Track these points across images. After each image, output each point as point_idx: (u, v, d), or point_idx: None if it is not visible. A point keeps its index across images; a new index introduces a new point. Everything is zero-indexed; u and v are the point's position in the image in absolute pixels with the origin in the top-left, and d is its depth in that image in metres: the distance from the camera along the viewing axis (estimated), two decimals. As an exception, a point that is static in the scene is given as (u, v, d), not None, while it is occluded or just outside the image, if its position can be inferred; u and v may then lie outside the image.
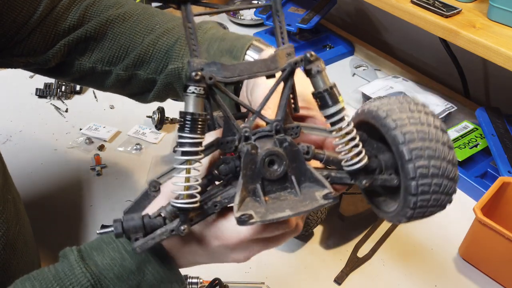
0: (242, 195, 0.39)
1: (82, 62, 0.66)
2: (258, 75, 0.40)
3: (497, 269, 0.74)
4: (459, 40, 0.87)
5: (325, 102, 0.40)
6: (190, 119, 0.36)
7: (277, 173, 0.40)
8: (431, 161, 0.41)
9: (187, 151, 0.37)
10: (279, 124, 0.42)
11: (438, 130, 0.42)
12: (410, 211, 0.43)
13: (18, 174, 0.90)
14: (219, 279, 0.70)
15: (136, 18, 0.65)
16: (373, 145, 0.46)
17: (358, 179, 0.43)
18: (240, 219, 0.37)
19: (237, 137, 0.41)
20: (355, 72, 1.25)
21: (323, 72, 0.40)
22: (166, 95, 0.68)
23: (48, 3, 0.61)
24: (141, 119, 1.04)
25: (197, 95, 0.36)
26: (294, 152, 0.41)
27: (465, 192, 0.90)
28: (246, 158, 0.39)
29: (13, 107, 1.08)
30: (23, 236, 0.60)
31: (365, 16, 1.43)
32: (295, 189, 0.41)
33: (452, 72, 1.17)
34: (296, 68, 0.41)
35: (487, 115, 0.96)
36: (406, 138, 0.41)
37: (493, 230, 0.68)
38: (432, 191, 0.42)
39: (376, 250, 0.78)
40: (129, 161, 0.95)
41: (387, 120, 0.42)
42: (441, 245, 0.80)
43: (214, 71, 0.38)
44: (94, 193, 0.87)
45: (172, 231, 0.40)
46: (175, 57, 0.63)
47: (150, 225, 0.41)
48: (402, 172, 0.42)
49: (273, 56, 0.40)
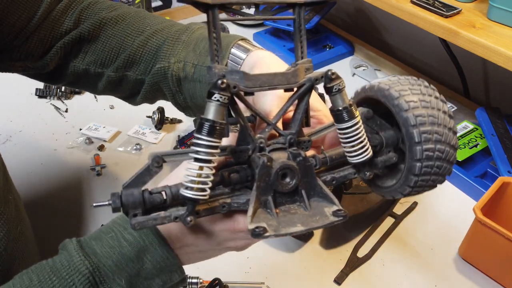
0: (255, 206, 0.39)
1: (76, 64, 0.67)
2: (278, 87, 0.40)
3: (497, 269, 0.74)
4: (459, 40, 0.87)
5: (342, 119, 0.41)
6: (210, 125, 0.36)
7: (289, 186, 0.40)
8: (437, 145, 0.42)
9: (203, 151, 0.37)
10: (293, 137, 0.42)
11: (446, 115, 0.44)
12: (408, 188, 0.45)
13: (18, 174, 0.90)
14: (219, 279, 0.70)
15: (129, 21, 0.66)
16: (376, 121, 0.46)
17: (362, 171, 0.44)
18: (254, 232, 0.37)
19: (251, 147, 0.41)
20: (355, 72, 1.25)
21: (344, 90, 0.40)
22: (154, 96, 0.69)
23: (46, 7, 0.62)
24: (141, 119, 1.05)
25: (221, 103, 0.36)
26: (307, 167, 0.41)
27: (465, 192, 0.90)
28: (261, 170, 0.39)
29: (13, 107, 1.08)
30: (24, 237, 0.60)
31: (365, 16, 1.43)
32: (304, 203, 0.41)
33: (452, 72, 1.17)
34: (316, 85, 0.41)
35: (487, 115, 0.96)
36: (418, 121, 0.42)
37: (493, 230, 0.68)
38: (433, 172, 0.43)
39: (376, 250, 0.78)
40: (129, 161, 0.95)
41: (400, 101, 0.43)
42: (441, 245, 0.80)
43: (237, 79, 0.38)
44: (94, 193, 0.87)
45: (176, 218, 0.39)
46: (162, 57, 0.63)
47: (150, 201, 0.39)
48: (408, 153, 0.43)
49: (294, 70, 0.40)
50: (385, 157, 0.45)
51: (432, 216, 0.85)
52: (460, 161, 0.91)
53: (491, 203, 0.74)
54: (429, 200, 0.88)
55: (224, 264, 0.75)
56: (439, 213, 0.86)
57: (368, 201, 0.79)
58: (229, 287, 0.71)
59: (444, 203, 0.88)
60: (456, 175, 0.90)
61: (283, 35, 1.34)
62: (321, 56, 1.29)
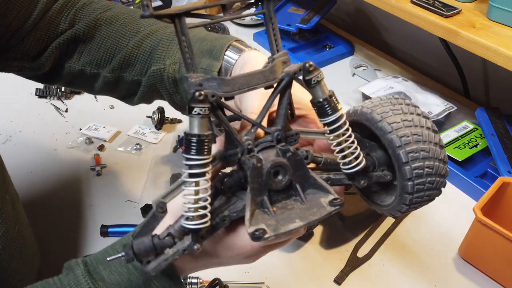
0: (251, 209, 0.39)
1: (72, 64, 0.67)
2: (258, 87, 0.40)
3: (497, 269, 0.74)
4: (459, 40, 0.87)
5: (324, 111, 0.41)
6: (197, 140, 0.36)
7: (283, 183, 0.40)
8: (425, 162, 0.43)
9: (196, 173, 0.36)
10: (280, 133, 0.42)
11: (430, 131, 0.44)
12: (405, 206, 0.45)
13: (18, 174, 0.90)
14: (219, 279, 0.70)
15: (123, 22, 0.66)
16: (365, 143, 0.47)
17: (357, 179, 0.44)
18: (254, 235, 0.37)
19: (240, 150, 0.41)
20: (355, 72, 1.25)
21: (322, 81, 0.40)
22: (151, 97, 0.69)
23: (42, 7, 0.62)
24: (141, 119, 1.04)
25: (202, 116, 0.36)
26: (298, 161, 0.41)
27: (465, 192, 0.90)
28: (253, 172, 0.39)
29: (13, 107, 1.08)
30: (22, 236, 0.60)
31: (365, 16, 1.43)
32: (300, 197, 0.41)
33: (452, 72, 1.17)
34: (295, 78, 0.41)
35: (487, 115, 0.96)
36: (402, 141, 0.43)
37: (493, 230, 0.68)
38: (426, 188, 0.44)
39: (376, 250, 0.78)
40: (129, 161, 0.95)
41: (383, 124, 0.43)
42: (441, 245, 0.80)
43: (214, 86, 0.37)
44: (94, 193, 0.87)
45: (185, 250, 0.39)
46: (157, 58, 0.64)
47: (160, 245, 0.40)
48: (399, 173, 0.44)
49: (271, 67, 0.40)
50: (380, 174, 0.46)
51: (432, 216, 0.85)
52: (460, 161, 0.91)
53: (491, 203, 0.74)
54: (429, 200, 0.88)
55: (224, 264, 0.75)
56: (439, 213, 0.86)
57: (368, 201, 0.79)
58: (229, 287, 0.71)
59: (444, 203, 0.88)
60: (456, 175, 0.90)
61: (282, 35, 1.34)
62: (321, 56, 1.29)
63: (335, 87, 0.54)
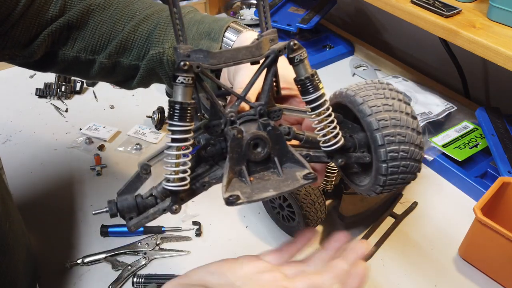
0: (229, 176, 0.41)
1: (66, 52, 0.67)
2: (244, 61, 0.41)
3: (497, 269, 0.74)
4: (459, 40, 0.87)
5: (306, 89, 0.43)
6: (179, 108, 0.38)
7: (261, 155, 0.43)
8: (401, 146, 0.45)
9: (177, 138, 0.39)
10: (262, 108, 0.44)
11: (409, 116, 0.46)
12: (379, 187, 0.48)
13: (17, 174, 0.91)
14: (219, 279, 0.70)
15: (116, 6, 0.66)
16: (348, 125, 0.49)
17: (335, 158, 0.47)
18: (228, 200, 0.40)
19: (223, 121, 0.43)
20: (355, 72, 1.25)
21: (305, 60, 0.42)
22: (149, 81, 0.70)
23: None
24: (141, 119, 1.04)
25: (186, 84, 0.38)
26: (277, 135, 0.43)
27: (465, 192, 0.90)
28: (232, 142, 0.41)
29: (13, 107, 1.08)
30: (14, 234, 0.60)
31: (365, 16, 1.43)
32: (277, 169, 0.44)
33: (452, 72, 1.17)
34: (280, 56, 0.43)
35: (487, 115, 0.96)
36: (380, 125, 0.44)
37: (493, 230, 0.68)
38: (400, 171, 0.46)
39: (376, 250, 0.78)
40: (129, 161, 0.95)
41: (363, 107, 0.45)
42: (441, 245, 0.80)
43: (201, 58, 0.39)
44: (94, 193, 0.87)
45: (164, 210, 0.42)
46: (156, 42, 0.64)
47: (143, 204, 0.43)
48: (374, 155, 0.46)
49: (257, 43, 0.42)
50: (360, 155, 0.48)
51: (432, 216, 0.85)
52: (460, 161, 0.91)
53: (491, 203, 0.74)
54: (429, 200, 0.88)
55: (224, 264, 0.75)
56: (439, 213, 0.86)
57: (368, 201, 0.79)
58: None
59: (444, 203, 0.88)
60: (456, 175, 0.90)
61: (283, 35, 1.34)
62: (321, 56, 1.29)
63: (335, 87, 0.55)
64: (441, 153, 0.94)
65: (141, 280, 0.70)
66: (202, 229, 0.80)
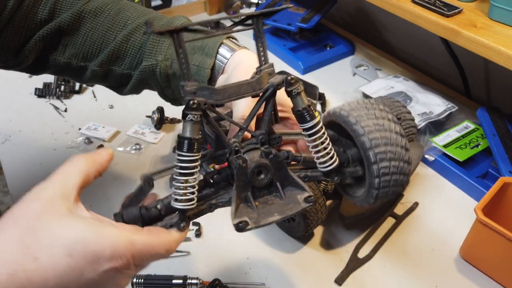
0: (237, 203, 0.45)
1: (57, 57, 0.67)
2: (246, 96, 0.45)
3: (498, 270, 0.73)
4: (460, 39, 0.86)
5: (303, 118, 0.46)
6: (188, 143, 0.42)
7: (265, 181, 0.47)
8: (391, 162, 0.49)
9: (186, 166, 0.42)
10: (263, 137, 0.48)
11: (398, 135, 0.50)
12: (372, 200, 0.52)
13: (16, 174, 0.90)
14: (219, 279, 0.69)
15: (108, 14, 0.66)
16: (342, 142, 0.53)
17: (331, 176, 0.50)
18: (238, 226, 0.43)
19: (228, 151, 0.46)
20: (356, 71, 1.24)
21: (302, 93, 0.46)
22: (141, 89, 0.71)
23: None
24: (141, 119, 1.04)
25: (194, 122, 0.41)
26: (279, 162, 0.47)
27: (466, 192, 0.89)
28: (238, 171, 0.45)
29: (12, 107, 1.08)
30: None
31: (365, 16, 1.42)
32: (280, 193, 0.47)
33: (453, 71, 1.16)
34: (278, 90, 0.47)
35: (488, 115, 0.96)
36: (373, 144, 0.49)
37: (494, 231, 0.68)
38: (391, 185, 0.51)
39: (377, 250, 0.78)
40: (128, 161, 0.94)
41: (357, 127, 0.49)
42: (442, 246, 0.79)
43: (207, 95, 0.42)
44: (93, 193, 0.86)
45: (172, 226, 0.45)
46: (148, 53, 0.64)
47: (147, 215, 0.46)
48: (367, 171, 0.50)
49: (257, 78, 0.45)
50: (353, 169, 0.52)
51: (433, 217, 0.85)
52: (461, 161, 0.91)
53: (492, 203, 0.74)
54: (430, 201, 0.88)
55: (224, 265, 0.75)
56: (440, 214, 0.85)
57: (369, 202, 0.79)
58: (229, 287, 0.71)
59: (445, 204, 0.87)
60: (457, 175, 0.90)
61: (283, 34, 1.33)
62: (321, 55, 1.28)
63: (335, 86, 0.56)
64: (442, 153, 0.94)
65: (141, 281, 0.69)
66: (202, 230, 0.80)
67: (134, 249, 0.40)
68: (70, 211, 0.41)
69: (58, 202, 0.41)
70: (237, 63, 0.59)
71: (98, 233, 0.40)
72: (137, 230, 0.43)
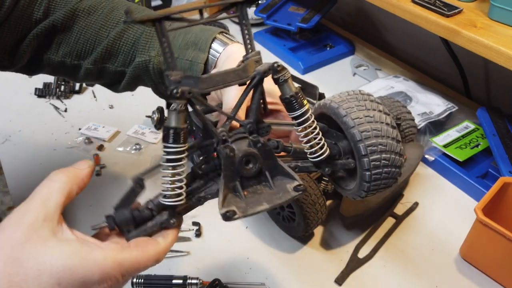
0: (224, 193, 0.44)
1: (51, 56, 0.67)
2: (232, 84, 0.44)
3: (498, 270, 0.73)
4: (460, 39, 0.86)
5: (291, 106, 0.45)
6: (173, 133, 0.41)
7: (253, 170, 0.45)
8: (382, 155, 0.48)
9: (172, 158, 0.41)
10: (252, 125, 0.47)
11: (389, 126, 0.48)
12: (364, 192, 0.51)
13: (16, 174, 0.90)
14: (219, 280, 0.69)
15: (101, 12, 0.66)
16: (332, 134, 0.52)
17: (322, 167, 0.50)
18: (225, 215, 0.42)
19: (215, 141, 0.45)
20: (356, 71, 1.24)
21: (289, 80, 0.45)
22: (135, 86, 0.71)
23: None
24: (141, 119, 1.04)
25: (179, 111, 0.40)
26: (267, 151, 0.46)
27: (466, 192, 0.89)
28: (226, 160, 0.44)
29: (12, 107, 1.08)
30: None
31: (365, 16, 1.42)
32: (269, 183, 0.46)
33: (453, 71, 1.16)
34: (265, 77, 0.46)
35: (488, 115, 0.96)
36: (363, 136, 0.47)
37: (494, 231, 0.68)
38: (383, 177, 0.49)
39: (377, 250, 0.78)
40: (128, 161, 0.94)
41: (347, 119, 0.48)
42: (441, 246, 0.79)
43: (191, 83, 0.41)
44: (93, 193, 0.86)
45: (162, 223, 0.44)
46: (141, 50, 0.64)
47: (140, 217, 0.45)
48: (358, 164, 0.49)
49: (244, 66, 0.44)
50: (345, 161, 0.51)
51: (433, 217, 0.85)
52: (461, 161, 0.91)
53: (492, 203, 0.73)
54: (430, 201, 0.87)
55: (224, 265, 0.75)
56: (440, 214, 0.85)
57: (369, 202, 0.79)
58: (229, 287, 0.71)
59: (445, 204, 0.87)
60: (457, 175, 0.90)
61: (283, 34, 1.33)
62: (321, 55, 1.28)
63: (335, 86, 0.55)
64: (442, 153, 0.94)
65: (141, 281, 0.69)
66: (202, 230, 0.80)
67: (122, 269, 0.40)
68: (54, 235, 0.40)
69: (40, 226, 0.40)
70: (227, 56, 0.60)
71: (85, 258, 0.39)
72: (123, 248, 0.42)
